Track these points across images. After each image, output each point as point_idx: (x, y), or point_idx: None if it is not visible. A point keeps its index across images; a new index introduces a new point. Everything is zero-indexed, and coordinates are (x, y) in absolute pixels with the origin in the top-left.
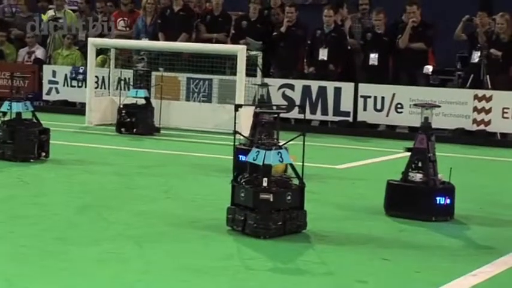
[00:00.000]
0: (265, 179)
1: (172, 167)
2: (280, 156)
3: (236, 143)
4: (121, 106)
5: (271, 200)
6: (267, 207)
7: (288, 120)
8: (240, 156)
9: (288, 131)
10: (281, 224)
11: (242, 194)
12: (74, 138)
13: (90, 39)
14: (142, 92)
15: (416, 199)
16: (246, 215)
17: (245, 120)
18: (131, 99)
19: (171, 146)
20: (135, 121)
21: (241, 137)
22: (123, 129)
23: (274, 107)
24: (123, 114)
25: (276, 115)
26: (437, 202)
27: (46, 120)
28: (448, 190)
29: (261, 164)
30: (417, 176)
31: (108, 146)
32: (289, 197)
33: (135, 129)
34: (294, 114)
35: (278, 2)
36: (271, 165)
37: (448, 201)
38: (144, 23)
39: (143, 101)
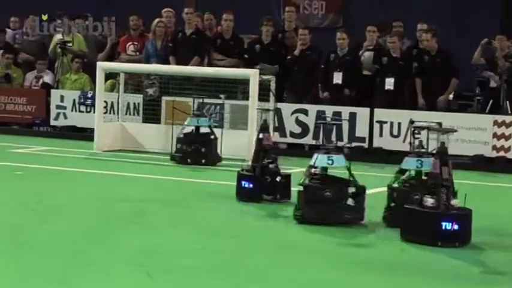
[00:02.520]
0: None
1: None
2: None
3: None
4: (181, 135)
5: None
6: None
7: (302, 146)
8: (243, 183)
9: (303, 157)
10: None
11: None
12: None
13: (99, 64)
14: (204, 121)
15: (424, 224)
16: None
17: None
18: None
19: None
20: (204, 151)
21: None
22: (189, 160)
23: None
24: (186, 144)
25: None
26: (443, 227)
27: (54, 146)
28: (459, 216)
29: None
30: (429, 201)
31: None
32: None
33: (203, 160)
34: (309, 139)
35: (292, 25)
36: None
37: (455, 226)
38: (154, 46)
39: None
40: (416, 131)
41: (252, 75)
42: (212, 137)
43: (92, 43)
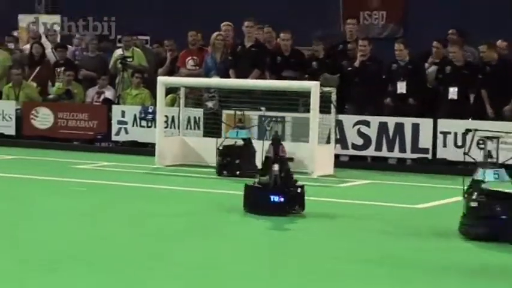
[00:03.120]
0: None
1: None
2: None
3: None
4: (220, 148)
5: None
6: None
7: (364, 158)
8: (272, 197)
9: (365, 169)
10: None
11: None
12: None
13: (160, 78)
14: (243, 133)
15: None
16: None
17: (320, 159)
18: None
19: None
20: (239, 163)
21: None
22: (224, 172)
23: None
24: (223, 156)
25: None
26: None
27: (115, 161)
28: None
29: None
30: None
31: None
32: None
33: (238, 172)
34: (371, 151)
35: (354, 35)
36: None
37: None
38: (213, 60)
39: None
40: (481, 141)
41: (313, 87)
42: (249, 149)
43: (152, 58)
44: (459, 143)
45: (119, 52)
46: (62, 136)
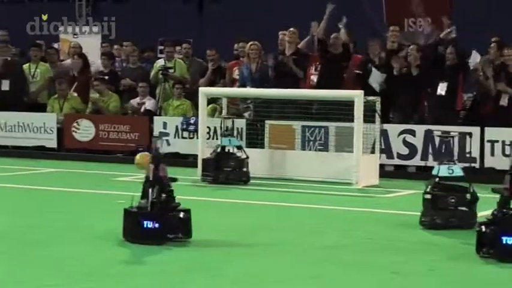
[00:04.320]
0: None
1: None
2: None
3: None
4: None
5: None
6: None
7: (409, 168)
8: (145, 223)
9: (409, 179)
10: None
11: None
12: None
13: (201, 89)
14: (235, 141)
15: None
16: None
17: (365, 169)
18: None
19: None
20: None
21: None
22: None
23: None
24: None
25: None
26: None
27: None
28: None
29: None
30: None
31: None
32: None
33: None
34: (417, 161)
35: (395, 44)
36: None
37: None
38: (248, 70)
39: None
40: None
41: (357, 96)
42: (240, 156)
43: (197, 69)
44: (508, 152)
45: (160, 62)
46: (103, 148)
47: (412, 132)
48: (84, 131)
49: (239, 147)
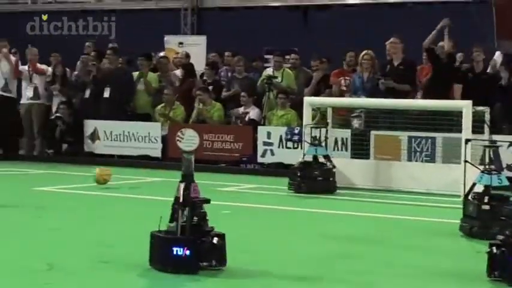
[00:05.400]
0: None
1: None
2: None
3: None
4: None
5: None
6: None
7: None
8: (174, 249)
9: None
10: None
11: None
12: None
13: (306, 99)
14: (322, 150)
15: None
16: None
17: (473, 181)
18: None
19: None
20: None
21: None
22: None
23: None
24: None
25: None
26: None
27: (261, 183)
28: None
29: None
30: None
31: None
32: None
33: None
34: None
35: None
36: None
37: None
38: (361, 79)
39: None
40: None
41: (465, 107)
42: (328, 166)
43: (302, 78)
44: None
45: (268, 71)
46: (207, 158)
47: None
48: (188, 140)
49: (326, 157)
